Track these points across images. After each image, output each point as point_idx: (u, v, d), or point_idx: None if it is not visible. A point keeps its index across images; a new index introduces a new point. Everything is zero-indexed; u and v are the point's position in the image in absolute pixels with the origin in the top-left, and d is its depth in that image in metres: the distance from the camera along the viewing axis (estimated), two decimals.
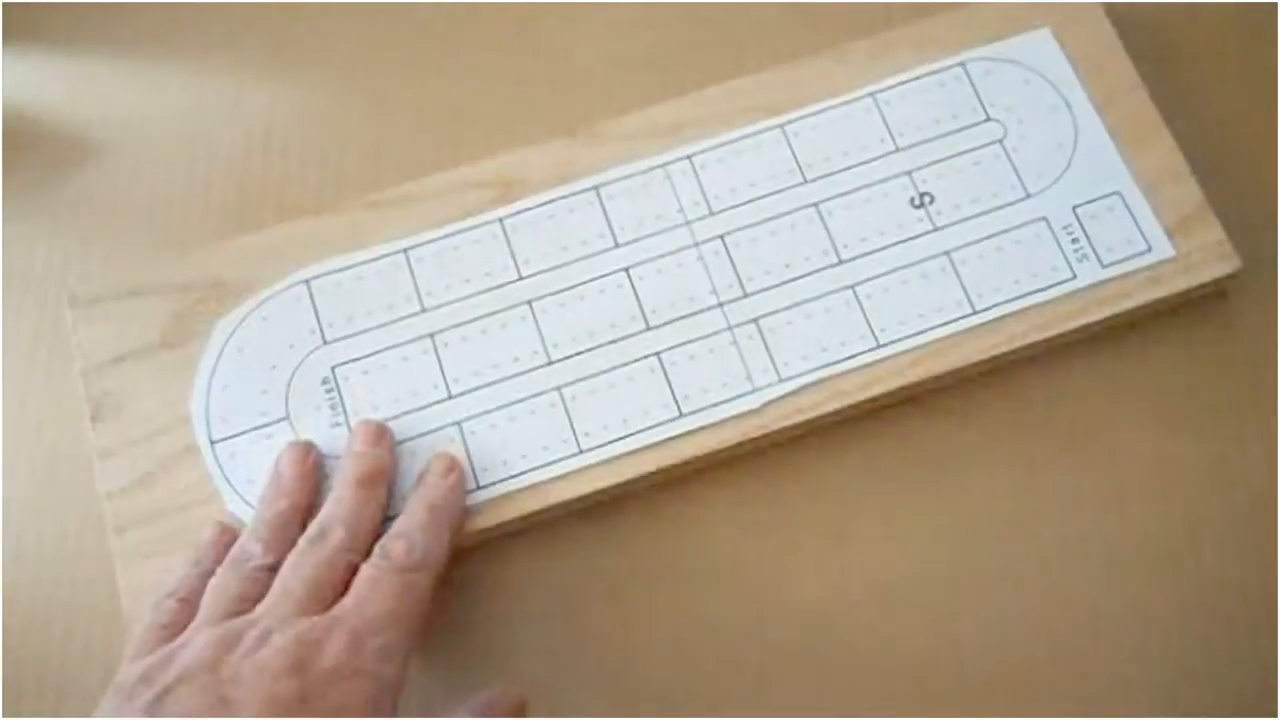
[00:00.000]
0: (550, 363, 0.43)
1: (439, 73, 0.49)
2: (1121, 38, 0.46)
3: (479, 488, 0.41)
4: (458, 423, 0.42)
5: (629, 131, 0.46)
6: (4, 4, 0.50)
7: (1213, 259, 0.43)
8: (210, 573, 0.37)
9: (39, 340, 0.46)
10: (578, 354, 0.43)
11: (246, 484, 0.41)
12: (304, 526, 0.38)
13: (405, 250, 0.44)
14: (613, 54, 0.49)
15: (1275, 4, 0.49)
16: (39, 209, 0.48)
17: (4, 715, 0.40)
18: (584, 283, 0.44)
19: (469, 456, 0.41)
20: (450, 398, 0.42)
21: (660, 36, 0.50)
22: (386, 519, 0.40)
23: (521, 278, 0.44)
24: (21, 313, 0.46)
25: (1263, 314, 0.45)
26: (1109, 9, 0.47)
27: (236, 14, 0.50)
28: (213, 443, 0.42)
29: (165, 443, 0.42)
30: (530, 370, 0.43)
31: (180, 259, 0.44)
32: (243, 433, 0.42)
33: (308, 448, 0.41)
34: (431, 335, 0.43)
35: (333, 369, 0.43)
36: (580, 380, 0.42)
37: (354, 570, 0.36)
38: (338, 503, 0.39)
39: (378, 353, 0.43)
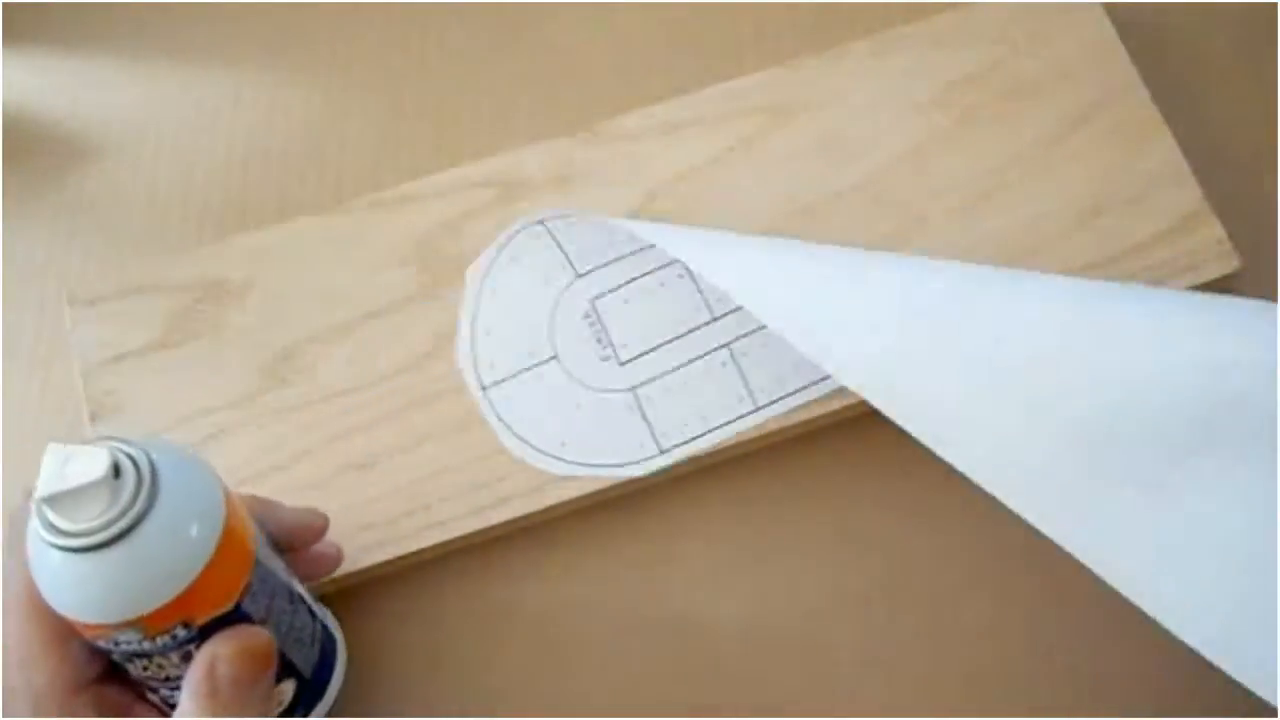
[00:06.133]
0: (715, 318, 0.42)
1: (439, 73, 0.49)
2: (1121, 38, 0.46)
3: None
4: (726, 345, 0.42)
5: (629, 131, 0.46)
6: (4, 4, 0.50)
7: (1213, 258, 0.43)
8: None
9: (39, 340, 0.45)
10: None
11: (527, 424, 0.41)
12: None
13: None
14: (612, 54, 0.49)
15: (1275, 4, 0.49)
16: (39, 209, 0.48)
17: (4, 715, 0.40)
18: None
19: (744, 379, 0.41)
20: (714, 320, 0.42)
21: (660, 36, 0.50)
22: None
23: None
24: (21, 313, 0.46)
25: None
26: (1109, 9, 0.47)
27: (236, 14, 0.50)
28: (484, 388, 0.41)
29: None
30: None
31: (180, 259, 0.45)
32: (513, 375, 0.41)
33: None
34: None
35: (592, 301, 0.42)
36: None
37: None
38: None
39: (633, 280, 0.42)
